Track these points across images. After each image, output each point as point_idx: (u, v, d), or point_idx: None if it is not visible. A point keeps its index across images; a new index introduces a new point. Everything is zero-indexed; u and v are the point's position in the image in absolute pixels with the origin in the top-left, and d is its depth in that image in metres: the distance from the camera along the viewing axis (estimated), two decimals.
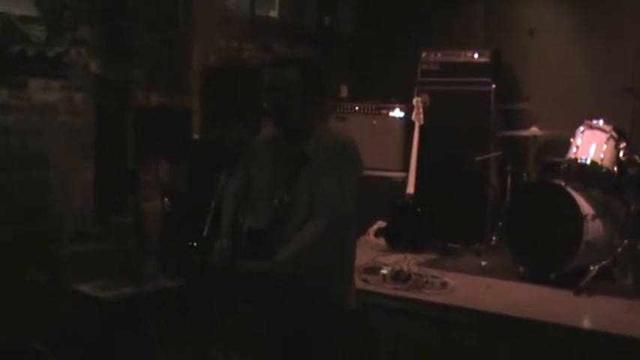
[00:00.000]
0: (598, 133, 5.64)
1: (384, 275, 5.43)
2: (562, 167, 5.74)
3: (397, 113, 7.24)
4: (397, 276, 5.40)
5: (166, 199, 5.84)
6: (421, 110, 6.82)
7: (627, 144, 5.60)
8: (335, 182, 3.18)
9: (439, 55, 7.03)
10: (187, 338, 4.55)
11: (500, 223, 6.17)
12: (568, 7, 6.89)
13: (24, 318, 4.82)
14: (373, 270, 5.56)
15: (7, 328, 4.72)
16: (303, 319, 3.28)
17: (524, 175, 6.22)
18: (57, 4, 5.45)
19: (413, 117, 6.86)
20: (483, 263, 5.90)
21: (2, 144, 5.17)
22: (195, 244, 3.29)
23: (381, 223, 6.82)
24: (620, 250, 5.34)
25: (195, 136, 6.22)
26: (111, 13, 5.83)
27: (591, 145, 5.61)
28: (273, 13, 7.72)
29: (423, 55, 7.09)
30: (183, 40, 6.38)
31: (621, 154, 5.57)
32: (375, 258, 5.97)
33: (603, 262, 5.25)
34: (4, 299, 4.85)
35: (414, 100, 6.87)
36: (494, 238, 6.26)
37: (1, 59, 5.05)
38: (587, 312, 4.90)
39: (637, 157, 5.46)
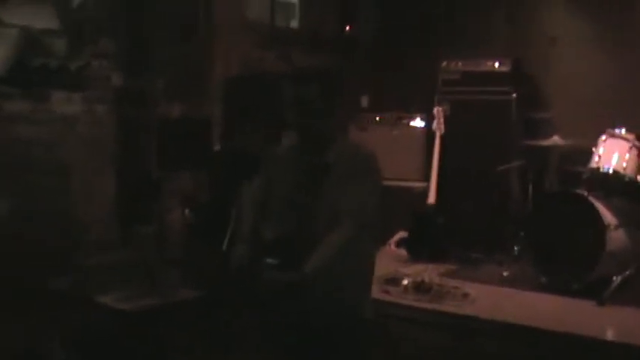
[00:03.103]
0: (620, 141, 5.59)
1: (405, 286, 5.40)
2: (584, 176, 5.70)
3: (418, 123, 7.24)
4: (419, 287, 5.37)
5: (188, 210, 5.86)
6: (442, 120, 6.80)
7: None
8: (359, 191, 3.20)
9: (460, 64, 7.02)
10: (208, 349, 4.55)
11: (521, 233, 6.13)
12: (589, 15, 6.85)
13: (45, 327, 4.85)
14: (394, 281, 5.53)
15: (28, 336, 4.74)
16: (323, 327, 3.28)
17: (546, 184, 6.18)
18: (78, 17, 5.50)
19: (433, 127, 6.84)
20: (505, 274, 5.87)
21: (26, 156, 5.21)
22: (216, 255, 3.31)
23: (402, 234, 6.80)
24: None
25: (217, 147, 6.24)
26: (132, 25, 5.86)
27: (614, 154, 5.56)
28: (294, 23, 7.74)
29: (444, 64, 7.08)
30: (203, 50, 6.41)
31: None
32: (396, 268, 5.94)
33: (627, 273, 5.21)
34: (26, 307, 4.87)
35: (435, 110, 6.86)
36: (515, 248, 6.22)
37: (24, 72, 5.11)
38: (609, 323, 4.85)
39: None
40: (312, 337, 3.31)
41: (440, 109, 6.86)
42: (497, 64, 6.85)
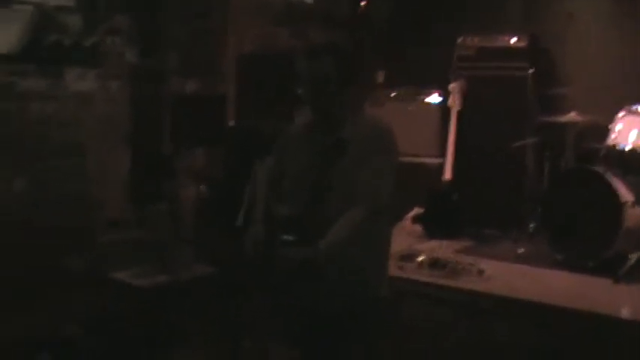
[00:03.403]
0: (638, 118, 5.55)
1: (420, 263, 5.41)
2: (601, 153, 5.67)
3: (434, 99, 7.20)
4: (434, 263, 5.38)
5: (202, 187, 5.87)
6: (458, 96, 6.78)
7: None
8: (374, 169, 3.17)
9: (476, 40, 6.98)
10: (221, 326, 4.57)
11: (537, 210, 6.10)
12: None
13: (60, 305, 4.88)
14: (409, 257, 5.54)
15: (43, 315, 4.78)
16: (339, 306, 3.27)
17: (563, 161, 6.14)
18: None
19: (449, 103, 6.82)
20: (520, 251, 5.85)
21: (39, 133, 5.22)
22: (230, 232, 3.30)
23: (417, 210, 6.79)
24: None
25: (231, 124, 6.23)
26: (146, 1, 5.85)
27: (631, 130, 5.53)
28: None
29: (460, 40, 7.04)
30: (218, 27, 6.39)
31: None
32: (411, 245, 5.95)
33: None
34: (42, 286, 4.90)
35: (451, 86, 6.83)
36: (531, 225, 6.20)
37: (38, 49, 5.10)
38: (626, 301, 4.83)
39: None
40: (327, 316, 3.31)
41: (456, 84, 6.82)
42: (513, 40, 6.80)
